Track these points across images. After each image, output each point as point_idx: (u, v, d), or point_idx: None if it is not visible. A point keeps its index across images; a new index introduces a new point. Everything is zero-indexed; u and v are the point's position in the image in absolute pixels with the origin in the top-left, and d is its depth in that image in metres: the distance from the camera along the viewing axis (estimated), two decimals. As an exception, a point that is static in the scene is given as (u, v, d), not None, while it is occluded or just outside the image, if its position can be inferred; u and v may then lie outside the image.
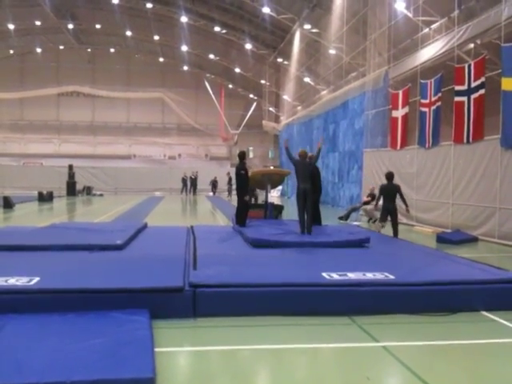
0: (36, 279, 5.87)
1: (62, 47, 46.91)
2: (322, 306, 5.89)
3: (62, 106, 49.60)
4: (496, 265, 7.80)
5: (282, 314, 5.70)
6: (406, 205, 11.40)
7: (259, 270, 6.86)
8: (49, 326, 4.97)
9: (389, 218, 11.55)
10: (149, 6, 35.34)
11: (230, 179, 35.06)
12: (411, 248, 9.61)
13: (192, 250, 8.29)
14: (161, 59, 47.91)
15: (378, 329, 5.38)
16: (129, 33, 41.99)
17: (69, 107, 49.23)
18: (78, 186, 34.92)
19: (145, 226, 11.95)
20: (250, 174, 12.20)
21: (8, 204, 21.73)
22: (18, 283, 5.72)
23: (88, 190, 35.55)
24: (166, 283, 5.79)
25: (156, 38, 42.01)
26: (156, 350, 4.48)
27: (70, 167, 34.96)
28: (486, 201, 12.50)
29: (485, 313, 5.97)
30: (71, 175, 34.75)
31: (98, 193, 35.40)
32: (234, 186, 31.09)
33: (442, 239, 12.15)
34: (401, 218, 12.38)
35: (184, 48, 43.02)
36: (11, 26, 39.66)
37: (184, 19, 36.52)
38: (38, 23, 40.21)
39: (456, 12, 15.43)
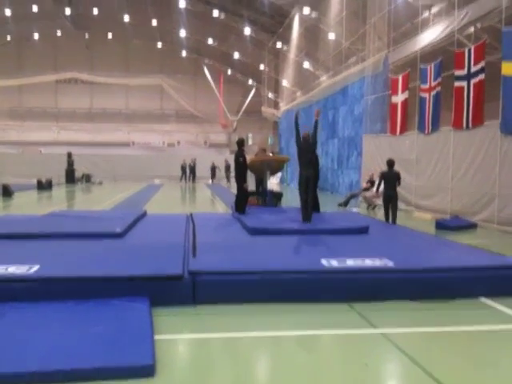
0: (36, 267, 5.88)
1: (59, 33, 46.51)
2: (321, 292, 5.91)
3: (60, 92, 49.37)
4: (495, 251, 7.83)
5: (282, 301, 5.71)
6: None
7: (258, 257, 6.87)
8: (49, 315, 5.00)
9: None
10: (146, -10, 35.04)
11: (228, 166, 35.04)
12: (410, 234, 9.62)
13: (191, 237, 8.30)
14: (159, 45, 47.56)
15: (376, 315, 5.40)
16: (126, 18, 41.60)
17: (67, 94, 49.00)
18: (77, 174, 34.87)
19: (144, 214, 11.95)
20: (248, 160, 12.16)
21: (7, 192, 21.72)
22: (17, 271, 5.73)
23: (87, 178, 35.51)
24: (166, 271, 5.80)
25: (154, 23, 41.66)
26: (156, 337, 4.51)
27: (69, 155, 34.87)
28: (486, 187, 12.50)
29: (484, 299, 5.98)
30: (70, 163, 34.68)
31: (97, 180, 35.38)
32: (232, 174, 31.07)
33: (440, 225, 12.16)
34: (400, 204, 12.36)
35: (182, 33, 42.68)
36: (8, 12, 39.28)
37: (182, 4, 36.16)
38: (35, 8, 39.81)
39: (456, -5, 15.28)
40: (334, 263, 6.35)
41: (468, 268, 6.35)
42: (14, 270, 5.79)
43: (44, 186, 27.33)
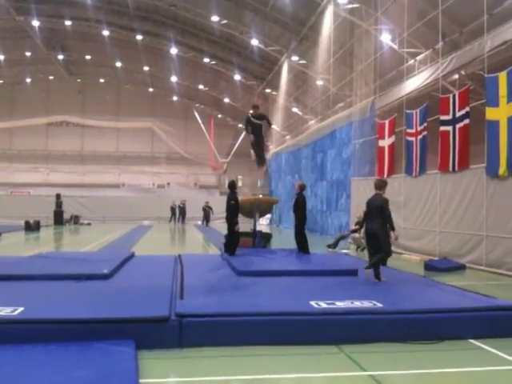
0: (20, 309, 5.78)
1: (51, 78, 47.14)
2: (309, 334, 5.84)
3: (51, 135, 49.57)
4: (484, 292, 7.82)
5: (270, 344, 5.64)
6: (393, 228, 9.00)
7: (247, 299, 6.82)
8: (31, 358, 4.88)
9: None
10: (139, 37, 35.77)
11: (205, 208, 34.57)
12: (399, 276, 9.61)
13: (179, 279, 8.23)
14: (150, 89, 48.26)
15: (365, 358, 5.34)
16: (119, 64, 42.34)
17: (58, 137, 49.19)
18: (66, 215, 34.63)
19: (132, 256, 11.86)
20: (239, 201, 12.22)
21: (-6, 234, 21.48)
22: (1, 313, 5.63)
23: (75, 219, 35.26)
24: (152, 313, 5.72)
25: (146, 68, 42.40)
26: (141, 381, 4.42)
27: (58, 196, 34.74)
28: (473, 229, 12.58)
29: (473, 341, 5.95)
30: (59, 204, 34.50)
31: (86, 222, 35.12)
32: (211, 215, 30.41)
33: (429, 267, 12.17)
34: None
35: (174, 79, 43.44)
36: (1, 57, 39.88)
37: (174, 51, 36.98)
38: (28, 54, 40.50)
39: (440, 44, 15.81)
40: (323, 305, 6.32)
41: (457, 309, 6.33)
42: (-3, 311, 5.69)
43: (32, 227, 27.08)
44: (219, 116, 49.40)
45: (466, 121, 13.04)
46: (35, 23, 33.86)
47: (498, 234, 11.65)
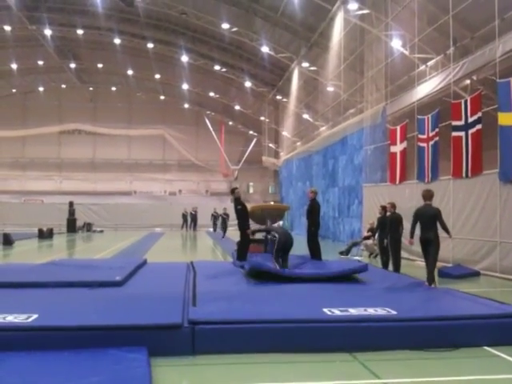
0: (34, 316, 5.82)
1: (64, 86, 47.59)
2: (323, 342, 5.80)
3: (63, 143, 49.96)
4: (498, 299, 7.73)
5: (283, 351, 5.61)
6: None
7: (259, 306, 6.79)
8: (44, 365, 4.91)
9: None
10: (150, 45, 36.04)
11: (215, 216, 34.78)
12: (412, 283, 9.53)
13: (192, 286, 8.23)
14: (162, 97, 48.56)
15: (379, 365, 5.29)
16: (130, 72, 42.69)
17: (70, 145, 49.57)
18: (79, 223, 34.89)
19: (144, 263, 11.89)
20: (249, 208, 12.21)
21: (8, 241, 21.67)
22: (15, 320, 5.66)
23: (88, 227, 35.50)
24: (165, 320, 5.72)
25: (157, 76, 42.70)
26: (154, 388, 4.41)
27: (71, 204, 35.01)
28: (487, 235, 12.47)
29: (487, 348, 5.88)
30: (71, 212, 34.76)
31: (98, 229, 35.34)
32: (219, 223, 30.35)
33: (443, 274, 12.06)
34: (402, 253, 12.29)
35: (185, 86, 43.69)
36: (14, 66, 40.38)
37: (185, 58, 37.20)
38: (40, 63, 40.96)
39: (451, 49, 15.76)
40: (337, 312, 6.28)
41: (471, 316, 6.26)
42: (12, 318, 5.72)
43: (45, 234, 27.30)
44: (230, 123, 49.55)
45: (479, 126, 12.95)
46: (47, 32, 34.25)
47: (512, 240, 11.54)
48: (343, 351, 5.68)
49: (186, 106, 48.65)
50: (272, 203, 34.18)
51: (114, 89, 48.09)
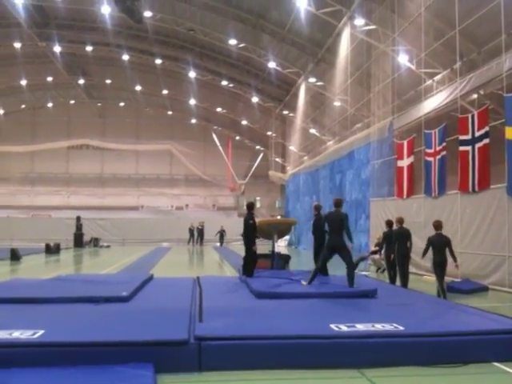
0: (40, 332, 5.80)
1: (72, 102, 48.05)
2: (331, 358, 5.74)
3: (71, 158, 50.31)
4: (507, 314, 7.64)
5: (290, 368, 5.56)
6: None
7: (266, 322, 6.75)
8: (52, 381, 4.88)
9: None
10: (158, 61, 36.37)
11: (221, 232, 35.56)
12: (420, 298, 9.46)
13: (198, 301, 8.20)
14: (169, 112, 48.87)
15: (387, 382, 5.23)
16: (138, 87, 43.08)
17: (78, 160, 49.91)
18: (86, 238, 34.96)
19: (151, 278, 11.87)
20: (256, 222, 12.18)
21: (15, 256, 21.75)
22: (21, 336, 5.66)
23: (95, 242, 35.57)
24: (171, 336, 5.70)
25: (165, 92, 43.02)
26: (160, 405, 4.38)
27: (78, 219, 35.12)
28: (495, 249, 12.37)
29: (497, 364, 5.80)
30: (79, 227, 34.85)
31: (105, 244, 35.38)
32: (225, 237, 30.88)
33: (451, 289, 11.94)
34: (410, 268, 12.21)
35: (192, 101, 43.99)
36: (24, 82, 40.86)
37: (192, 74, 37.49)
38: (49, 79, 41.43)
39: (458, 64, 15.79)
40: (344, 328, 6.22)
41: (480, 332, 6.20)
42: (18, 335, 5.72)
43: (52, 249, 27.37)
44: (237, 138, 49.74)
45: (486, 140, 12.93)
46: (57, 49, 34.68)
47: (522, 254, 11.44)
48: (351, 367, 5.62)
49: (194, 121, 48.93)
50: (279, 217, 34.18)
51: (122, 104, 48.49)
